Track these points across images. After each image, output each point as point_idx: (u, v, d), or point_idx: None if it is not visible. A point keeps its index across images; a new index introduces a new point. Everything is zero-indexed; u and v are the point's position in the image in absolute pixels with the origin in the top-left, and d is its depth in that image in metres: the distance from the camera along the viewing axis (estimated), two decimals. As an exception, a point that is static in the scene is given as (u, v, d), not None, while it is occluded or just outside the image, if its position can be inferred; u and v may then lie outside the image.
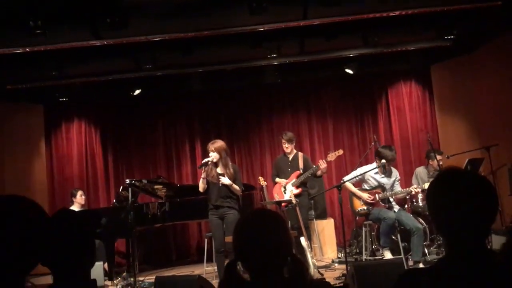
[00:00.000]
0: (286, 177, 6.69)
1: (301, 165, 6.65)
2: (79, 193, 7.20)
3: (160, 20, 5.44)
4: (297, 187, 6.55)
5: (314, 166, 6.54)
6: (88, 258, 1.71)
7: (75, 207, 7.02)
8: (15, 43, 5.64)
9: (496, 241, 5.41)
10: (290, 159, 6.77)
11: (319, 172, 6.54)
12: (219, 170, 5.68)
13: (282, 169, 6.80)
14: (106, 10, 4.84)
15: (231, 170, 5.68)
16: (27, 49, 5.76)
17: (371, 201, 6.08)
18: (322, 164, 6.37)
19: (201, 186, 5.71)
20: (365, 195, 6.11)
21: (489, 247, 3.72)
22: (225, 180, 5.60)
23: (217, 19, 5.51)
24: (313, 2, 5.26)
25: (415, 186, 6.14)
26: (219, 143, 5.74)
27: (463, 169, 1.84)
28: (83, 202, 7.19)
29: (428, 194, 1.61)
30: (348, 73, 7.80)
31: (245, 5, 5.08)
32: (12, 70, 6.78)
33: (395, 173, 6.26)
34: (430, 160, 7.19)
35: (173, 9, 5.21)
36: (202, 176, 5.69)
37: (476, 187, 1.51)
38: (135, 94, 7.92)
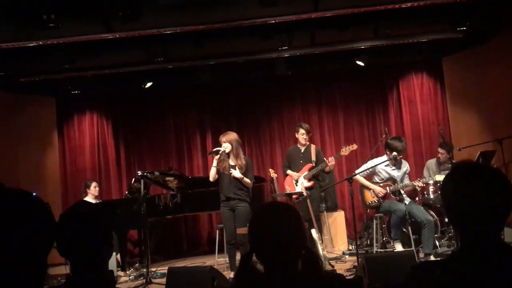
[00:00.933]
0: (298, 169, 6.69)
1: (313, 157, 6.65)
2: (93, 184, 7.27)
3: (172, 13, 5.45)
4: (309, 180, 6.56)
5: (325, 161, 6.54)
6: (106, 250, 1.75)
7: (89, 198, 7.09)
8: (28, 37, 5.69)
9: (509, 234, 5.40)
10: (302, 150, 6.76)
11: (327, 168, 6.56)
12: (231, 161, 5.71)
13: (294, 161, 6.79)
14: (118, 3, 4.86)
15: (243, 161, 5.72)
16: (40, 43, 5.81)
17: (383, 193, 6.08)
18: (331, 162, 6.40)
19: (212, 174, 5.76)
20: (378, 189, 6.11)
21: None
22: (236, 174, 5.64)
23: (228, 11, 5.51)
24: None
25: (419, 179, 6.13)
26: (231, 134, 5.79)
27: (477, 162, 1.84)
28: (96, 194, 7.27)
29: (443, 187, 1.62)
30: (359, 65, 7.77)
31: (255, -2, 5.07)
32: (25, 63, 6.84)
33: (406, 165, 6.25)
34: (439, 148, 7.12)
35: (185, 1, 5.22)
36: (213, 164, 5.73)
37: (491, 181, 1.51)
38: (146, 86, 7.95)
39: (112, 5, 4.96)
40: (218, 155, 5.69)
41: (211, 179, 5.82)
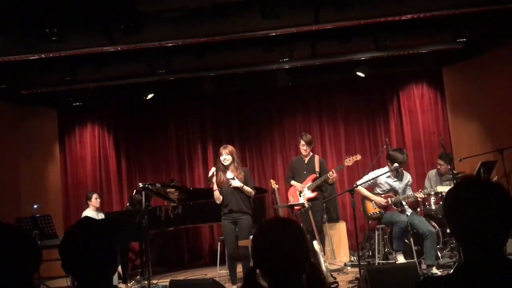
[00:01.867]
0: (302, 179, 6.70)
1: (317, 168, 6.66)
2: (94, 196, 7.27)
3: (173, 26, 5.49)
4: (313, 190, 6.56)
5: (328, 173, 6.53)
6: (111, 266, 1.75)
7: (90, 210, 7.09)
8: (31, 50, 5.72)
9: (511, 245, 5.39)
10: (306, 161, 6.78)
11: (330, 181, 6.57)
12: (229, 174, 5.72)
13: (298, 171, 6.79)
14: (121, 17, 4.90)
15: (242, 173, 5.74)
16: (43, 55, 5.84)
17: (384, 204, 6.08)
18: (332, 175, 6.41)
19: (217, 197, 5.73)
20: (379, 199, 6.11)
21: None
22: (236, 183, 5.63)
23: (230, 24, 5.54)
24: (325, 6, 5.27)
25: (420, 190, 6.13)
26: (230, 147, 5.83)
27: (480, 177, 1.85)
28: (98, 205, 7.26)
29: (445, 202, 1.63)
30: (360, 76, 7.80)
31: (257, 10, 5.10)
32: (28, 76, 6.88)
33: (407, 177, 6.25)
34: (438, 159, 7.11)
35: (186, 15, 5.26)
36: (214, 188, 5.72)
37: (493, 196, 1.52)
38: (148, 98, 7.97)
39: (114, 18, 4.99)
40: (214, 177, 5.70)
41: (217, 201, 5.78)
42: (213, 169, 5.73)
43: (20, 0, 4.72)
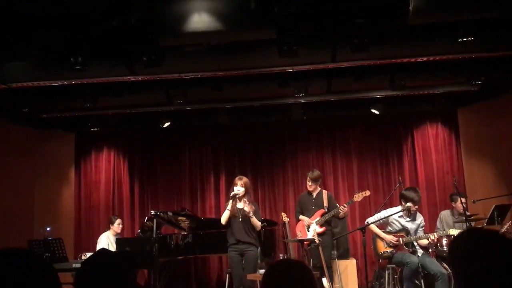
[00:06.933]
0: (310, 214, 6.69)
1: (325, 203, 6.65)
2: (118, 221, 7.27)
3: (193, 59, 5.65)
4: (321, 225, 6.55)
5: (337, 206, 6.54)
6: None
7: (110, 234, 7.13)
8: (55, 76, 5.91)
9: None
10: (314, 196, 6.78)
11: (341, 214, 6.55)
12: (240, 205, 5.76)
13: (306, 207, 6.80)
14: (143, 49, 5.05)
15: (253, 206, 5.78)
16: (65, 82, 6.03)
17: (395, 243, 6.02)
18: (343, 209, 6.40)
19: (225, 218, 5.76)
20: (390, 237, 6.06)
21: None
22: (247, 208, 5.65)
23: (247, 59, 5.68)
24: (342, 46, 5.38)
25: (435, 233, 6.05)
26: (246, 179, 5.89)
27: (488, 230, 1.82)
28: (119, 231, 7.28)
29: (452, 251, 1.65)
30: (374, 113, 7.86)
31: (274, 47, 5.22)
32: (48, 100, 7.05)
33: (420, 218, 6.19)
34: (453, 202, 7.10)
35: (206, 49, 5.41)
36: (228, 208, 5.75)
37: (501, 250, 1.55)
38: (164, 126, 8.11)
39: (137, 51, 5.15)
40: (234, 200, 5.74)
41: (223, 222, 5.82)
42: (239, 191, 5.76)
43: (48, 30, 4.91)
